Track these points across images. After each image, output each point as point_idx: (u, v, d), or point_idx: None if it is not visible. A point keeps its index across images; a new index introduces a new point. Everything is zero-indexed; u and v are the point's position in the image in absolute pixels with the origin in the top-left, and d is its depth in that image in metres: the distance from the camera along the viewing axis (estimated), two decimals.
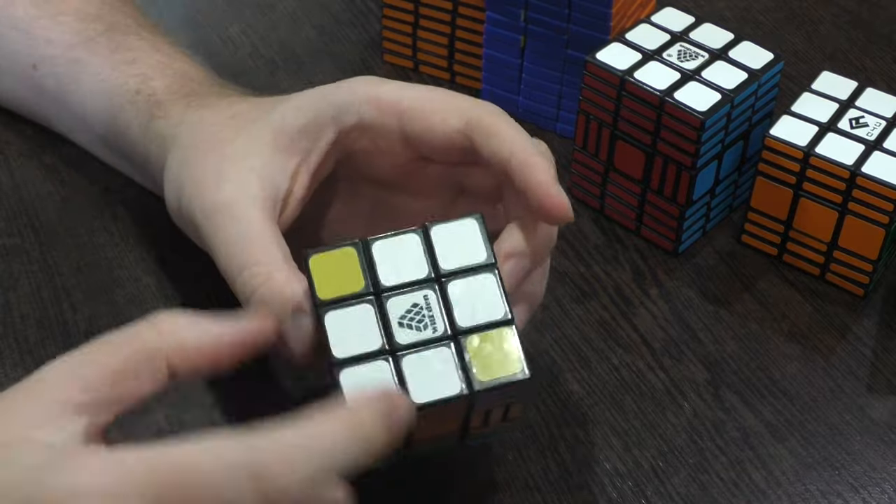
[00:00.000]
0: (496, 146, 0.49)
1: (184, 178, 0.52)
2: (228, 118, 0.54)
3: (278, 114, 0.52)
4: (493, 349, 0.45)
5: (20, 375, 0.55)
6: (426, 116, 0.50)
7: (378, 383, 0.43)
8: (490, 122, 0.50)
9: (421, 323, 0.45)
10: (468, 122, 0.50)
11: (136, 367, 0.42)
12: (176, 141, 0.54)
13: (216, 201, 0.50)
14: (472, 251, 0.46)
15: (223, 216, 0.50)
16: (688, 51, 0.62)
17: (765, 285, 0.62)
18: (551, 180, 0.48)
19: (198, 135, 0.54)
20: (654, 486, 0.53)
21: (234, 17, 0.77)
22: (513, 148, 0.48)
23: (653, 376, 0.57)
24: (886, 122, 0.60)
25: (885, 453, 0.55)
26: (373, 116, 0.51)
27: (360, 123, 0.51)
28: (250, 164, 0.51)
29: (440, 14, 0.71)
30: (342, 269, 0.45)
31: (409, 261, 0.46)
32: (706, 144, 0.59)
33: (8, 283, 0.59)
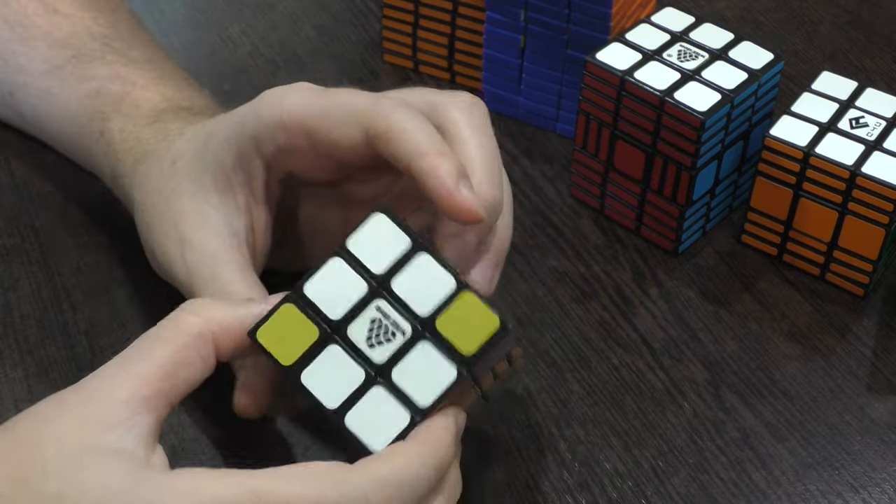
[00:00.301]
0: (395, 151, 0.47)
1: (151, 243, 0.53)
2: (170, 166, 0.53)
3: (211, 153, 0.51)
4: (463, 318, 0.44)
5: (20, 375, 0.55)
6: (328, 132, 0.48)
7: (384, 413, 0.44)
8: (386, 126, 0.47)
9: (387, 334, 0.45)
10: (366, 130, 0.47)
11: (187, 355, 0.43)
12: (134, 202, 0.55)
13: (189, 266, 0.51)
14: (393, 243, 0.45)
15: (200, 282, 0.50)
16: (688, 51, 0.62)
17: (765, 285, 0.62)
18: (452, 183, 0.45)
19: (149, 194, 0.54)
20: (654, 486, 0.53)
21: (234, 17, 0.77)
22: (411, 152, 0.46)
23: (653, 376, 0.57)
24: (886, 122, 0.60)
25: (885, 453, 0.55)
26: (285, 141, 0.49)
27: (278, 150, 0.50)
28: (204, 216, 0.51)
29: (440, 14, 0.71)
30: (290, 328, 0.45)
31: (344, 285, 0.45)
32: (706, 144, 0.59)
33: (8, 283, 0.59)
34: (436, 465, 0.43)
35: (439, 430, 0.44)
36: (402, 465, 0.42)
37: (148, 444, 0.41)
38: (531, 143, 0.70)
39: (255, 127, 0.49)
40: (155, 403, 0.42)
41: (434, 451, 0.43)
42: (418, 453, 0.43)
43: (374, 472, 0.41)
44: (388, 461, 0.42)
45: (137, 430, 0.41)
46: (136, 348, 0.43)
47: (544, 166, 0.68)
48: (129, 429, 0.41)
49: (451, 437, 0.44)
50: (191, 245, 0.51)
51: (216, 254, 0.50)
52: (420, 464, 0.42)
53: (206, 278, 0.50)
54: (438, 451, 0.43)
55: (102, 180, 0.60)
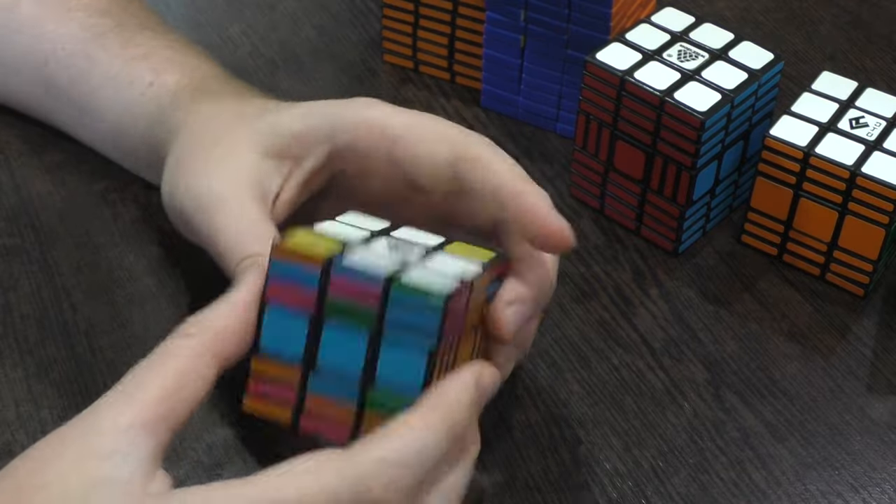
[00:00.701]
0: (485, 176, 0.49)
1: (183, 168, 0.54)
2: (233, 116, 0.55)
3: (276, 116, 0.53)
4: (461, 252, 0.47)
5: (20, 376, 0.55)
6: (414, 144, 0.50)
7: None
8: (478, 152, 0.49)
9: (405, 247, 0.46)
10: (456, 152, 0.49)
11: (184, 378, 0.42)
12: (181, 133, 0.55)
13: (211, 193, 0.51)
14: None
15: (218, 208, 0.50)
16: (688, 51, 0.62)
17: (765, 285, 0.62)
18: (548, 206, 0.48)
19: (202, 129, 0.55)
20: (654, 486, 0.53)
21: (234, 17, 0.77)
22: (503, 178, 0.48)
23: (653, 376, 0.57)
24: (886, 123, 0.60)
25: (885, 453, 0.55)
26: (364, 139, 0.51)
27: (352, 144, 0.51)
28: (245, 161, 0.52)
29: (440, 14, 0.71)
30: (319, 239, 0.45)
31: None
32: (706, 144, 0.59)
33: (8, 283, 0.59)
34: (448, 433, 0.41)
35: (453, 393, 0.42)
36: (403, 442, 0.40)
37: (146, 471, 0.40)
38: (531, 143, 0.70)
39: (341, 115, 0.52)
40: (153, 429, 0.41)
41: (445, 417, 0.42)
42: (425, 424, 0.41)
43: (372, 454, 0.40)
44: (387, 440, 0.41)
45: (134, 456, 0.40)
46: (132, 378, 0.42)
47: (544, 166, 0.68)
48: (125, 456, 0.40)
49: (469, 398, 0.43)
50: (223, 173, 0.51)
51: (243, 191, 0.51)
52: (427, 436, 0.41)
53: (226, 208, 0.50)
54: (451, 416, 0.42)
55: (135, 128, 0.59)
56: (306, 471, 0.40)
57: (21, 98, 0.66)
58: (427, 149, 0.50)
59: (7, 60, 0.64)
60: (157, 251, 0.61)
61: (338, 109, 0.52)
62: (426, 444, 0.41)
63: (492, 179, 0.49)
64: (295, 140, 0.52)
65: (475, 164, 0.49)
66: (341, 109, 0.52)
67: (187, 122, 0.56)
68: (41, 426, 0.53)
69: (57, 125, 0.65)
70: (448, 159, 0.50)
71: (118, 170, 0.65)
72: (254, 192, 0.51)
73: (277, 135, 0.52)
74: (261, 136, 0.52)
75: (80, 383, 0.55)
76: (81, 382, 0.55)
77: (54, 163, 0.65)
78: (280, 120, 0.53)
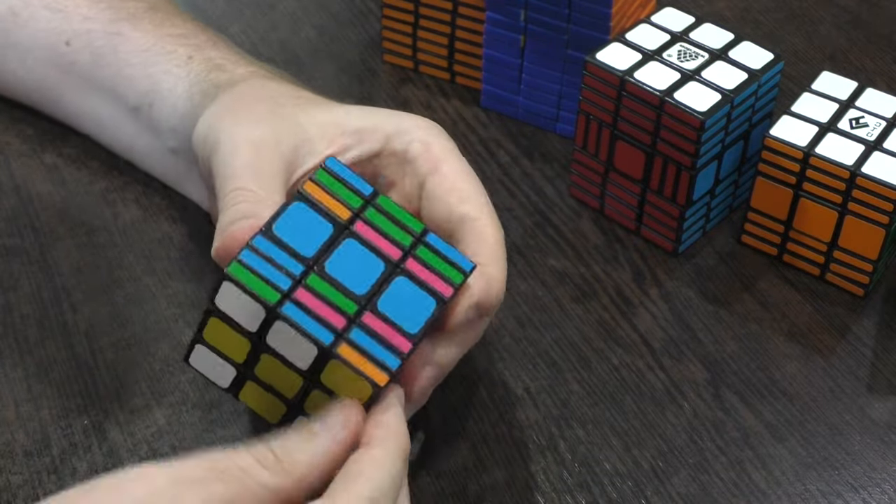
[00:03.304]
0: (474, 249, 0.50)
1: (230, 108, 0.54)
2: (294, 97, 0.55)
3: (345, 110, 0.54)
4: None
5: (20, 375, 0.55)
6: (450, 188, 0.51)
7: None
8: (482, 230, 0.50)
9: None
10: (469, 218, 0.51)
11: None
12: (233, 88, 0.55)
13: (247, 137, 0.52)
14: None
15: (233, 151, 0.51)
16: (688, 51, 0.62)
17: (765, 285, 0.62)
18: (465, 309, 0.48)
19: (257, 92, 0.55)
20: (654, 486, 0.53)
21: (234, 17, 0.77)
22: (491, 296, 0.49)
23: (653, 376, 0.57)
24: (886, 123, 0.60)
25: (885, 453, 0.55)
26: (417, 153, 0.52)
27: (403, 153, 0.53)
28: (298, 128, 0.52)
29: (440, 14, 0.71)
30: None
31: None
32: (706, 144, 0.59)
33: (8, 283, 0.59)
34: (403, 457, 0.43)
35: (394, 422, 0.44)
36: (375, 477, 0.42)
37: None
38: (531, 143, 0.70)
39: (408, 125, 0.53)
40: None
41: (397, 445, 0.43)
42: (386, 457, 0.43)
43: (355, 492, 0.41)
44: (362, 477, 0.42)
45: None
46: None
47: (544, 166, 0.68)
48: None
49: (404, 420, 0.44)
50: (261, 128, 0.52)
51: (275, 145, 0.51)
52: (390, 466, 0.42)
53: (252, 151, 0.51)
54: (401, 441, 0.43)
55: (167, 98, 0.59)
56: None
57: (31, 82, 0.65)
58: (457, 198, 0.51)
59: (23, 40, 0.64)
60: (157, 251, 0.61)
61: (408, 120, 0.53)
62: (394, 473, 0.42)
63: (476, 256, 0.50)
64: (352, 133, 0.53)
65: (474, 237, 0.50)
66: (410, 122, 0.53)
67: (243, 85, 0.56)
68: (41, 426, 0.53)
69: (66, 110, 0.65)
70: (463, 216, 0.51)
71: (118, 170, 0.65)
72: (278, 151, 0.51)
73: (336, 125, 0.53)
74: (318, 117, 0.53)
75: (80, 383, 0.55)
76: (81, 382, 0.55)
77: (54, 163, 0.65)
78: (347, 113, 0.54)
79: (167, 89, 0.59)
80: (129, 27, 0.61)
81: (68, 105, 0.65)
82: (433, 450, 0.53)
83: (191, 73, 0.58)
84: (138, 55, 0.60)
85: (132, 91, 0.61)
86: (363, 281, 0.45)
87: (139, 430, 0.53)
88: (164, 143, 0.60)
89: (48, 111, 0.66)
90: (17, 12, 0.64)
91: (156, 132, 0.61)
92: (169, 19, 0.62)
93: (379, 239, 0.47)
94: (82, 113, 0.64)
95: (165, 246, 0.61)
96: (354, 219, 0.47)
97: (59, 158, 0.65)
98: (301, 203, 0.46)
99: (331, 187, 0.47)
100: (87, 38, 0.62)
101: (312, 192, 0.47)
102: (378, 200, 0.48)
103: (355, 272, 0.46)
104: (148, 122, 0.61)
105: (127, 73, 0.61)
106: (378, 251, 0.46)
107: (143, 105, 0.60)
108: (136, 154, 0.63)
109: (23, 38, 0.64)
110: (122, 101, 0.61)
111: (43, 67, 0.64)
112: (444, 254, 0.48)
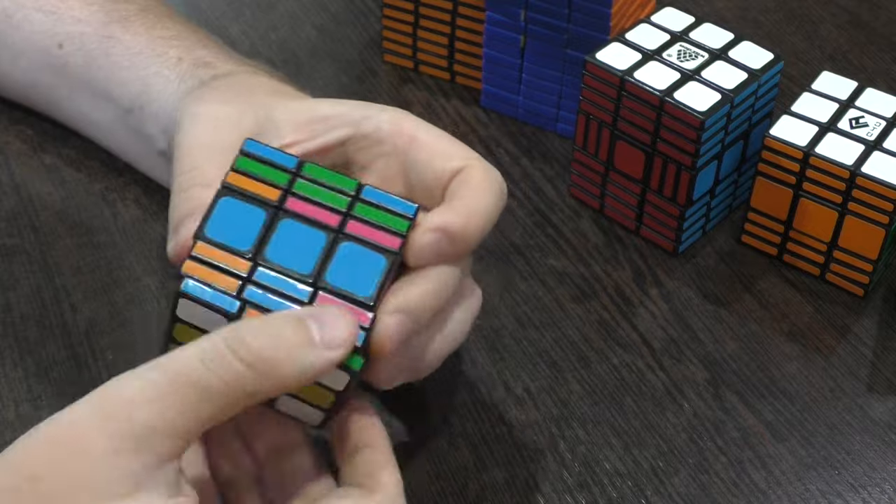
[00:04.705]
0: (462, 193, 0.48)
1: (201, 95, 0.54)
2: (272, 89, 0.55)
3: (315, 101, 0.54)
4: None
5: (20, 375, 0.55)
6: (432, 152, 0.50)
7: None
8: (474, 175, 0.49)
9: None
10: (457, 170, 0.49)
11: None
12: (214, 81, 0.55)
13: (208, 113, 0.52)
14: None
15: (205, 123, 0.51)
16: (688, 51, 0.62)
17: (765, 285, 0.62)
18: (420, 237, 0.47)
19: (235, 83, 0.54)
20: (654, 486, 0.53)
21: (234, 17, 0.77)
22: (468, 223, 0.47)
23: (653, 376, 0.57)
24: (886, 122, 0.60)
25: (885, 453, 0.55)
26: (387, 132, 0.51)
27: (374, 133, 0.51)
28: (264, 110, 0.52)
29: (440, 14, 0.71)
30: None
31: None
32: (706, 144, 0.59)
33: (8, 283, 0.59)
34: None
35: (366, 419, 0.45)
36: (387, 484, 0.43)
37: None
38: (531, 143, 0.70)
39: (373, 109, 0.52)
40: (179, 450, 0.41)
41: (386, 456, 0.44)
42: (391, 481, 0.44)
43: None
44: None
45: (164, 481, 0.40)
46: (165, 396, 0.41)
47: (544, 166, 0.68)
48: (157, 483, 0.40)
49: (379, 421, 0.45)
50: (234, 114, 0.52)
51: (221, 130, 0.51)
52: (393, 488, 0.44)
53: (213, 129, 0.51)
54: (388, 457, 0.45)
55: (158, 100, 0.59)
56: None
57: (24, 84, 0.65)
58: (438, 162, 0.50)
59: (17, 42, 0.64)
60: (157, 251, 0.61)
61: (372, 108, 0.53)
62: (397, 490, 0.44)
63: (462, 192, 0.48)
64: (322, 120, 0.52)
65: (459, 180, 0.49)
66: (375, 107, 0.53)
67: (226, 80, 0.55)
68: None
69: (61, 112, 0.65)
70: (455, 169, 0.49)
71: (118, 170, 0.65)
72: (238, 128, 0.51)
73: (306, 111, 0.52)
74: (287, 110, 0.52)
75: (80, 383, 0.55)
76: (81, 382, 0.55)
77: (54, 163, 0.65)
78: (316, 103, 0.53)
79: (157, 91, 0.59)
80: (120, 30, 0.61)
81: (63, 107, 0.65)
82: (433, 450, 0.53)
83: (181, 74, 0.58)
84: (130, 58, 0.60)
85: (125, 94, 0.61)
86: (308, 258, 0.45)
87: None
88: (154, 145, 0.60)
89: (43, 112, 0.66)
90: (10, 14, 0.64)
91: (147, 135, 0.61)
92: (160, 21, 0.62)
93: (314, 210, 0.46)
94: (78, 115, 0.64)
95: (165, 246, 0.61)
96: (285, 196, 0.46)
97: (59, 159, 0.65)
98: (228, 197, 0.46)
99: (254, 171, 0.46)
100: (80, 41, 0.62)
101: (237, 183, 0.46)
102: (305, 170, 0.47)
103: (298, 251, 0.45)
104: (140, 125, 0.61)
105: (119, 76, 0.61)
106: (316, 223, 0.46)
107: (136, 108, 0.60)
108: (130, 156, 0.63)
109: (16, 40, 0.64)
110: (115, 104, 0.61)
111: (36, 69, 0.64)
112: (384, 205, 0.46)
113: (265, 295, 0.44)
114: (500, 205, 0.49)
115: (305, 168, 0.47)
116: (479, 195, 0.48)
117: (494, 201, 0.48)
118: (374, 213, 0.46)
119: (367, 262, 0.45)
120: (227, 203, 0.45)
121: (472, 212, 0.47)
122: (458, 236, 0.47)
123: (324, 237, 0.45)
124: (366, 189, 0.47)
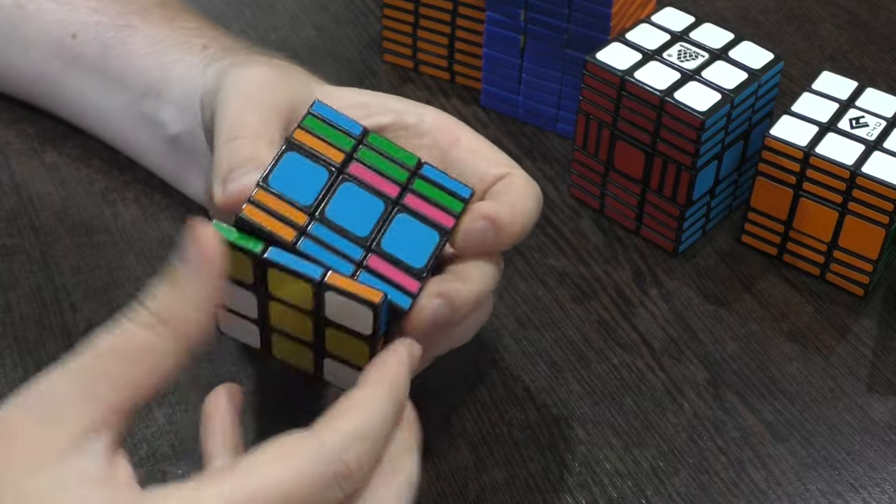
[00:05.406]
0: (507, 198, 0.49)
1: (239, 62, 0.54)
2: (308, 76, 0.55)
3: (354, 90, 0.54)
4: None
5: (20, 375, 0.55)
6: (476, 154, 0.51)
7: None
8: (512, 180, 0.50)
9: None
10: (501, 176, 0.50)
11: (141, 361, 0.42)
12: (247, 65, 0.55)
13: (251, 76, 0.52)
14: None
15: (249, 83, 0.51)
16: (688, 51, 0.62)
17: (765, 285, 0.62)
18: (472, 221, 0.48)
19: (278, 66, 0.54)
20: (654, 486, 0.53)
21: (234, 17, 0.77)
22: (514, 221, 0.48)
23: (653, 376, 0.57)
24: (886, 122, 0.60)
25: (885, 453, 0.55)
26: (430, 126, 0.52)
27: (416, 126, 0.52)
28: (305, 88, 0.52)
29: (440, 14, 0.71)
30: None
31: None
32: (706, 144, 0.59)
33: (8, 283, 0.59)
34: (395, 402, 0.42)
35: (393, 366, 0.43)
36: (363, 416, 0.41)
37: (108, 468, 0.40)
38: (531, 143, 0.70)
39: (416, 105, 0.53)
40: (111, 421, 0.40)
41: (391, 390, 0.43)
42: (376, 397, 0.42)
43: (341, 430, 0.40)
44: (347, 416, 0.41)
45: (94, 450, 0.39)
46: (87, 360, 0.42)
47: (544, 166, 0.68)
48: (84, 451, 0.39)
49: (406, 368, 0.44)
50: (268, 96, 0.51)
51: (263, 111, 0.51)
52: (383, 406, 0.42)
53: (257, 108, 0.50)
54: (396, 388, 0.43)
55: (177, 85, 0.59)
56: (283, 457, 0.40)
57: (31, 76, 0.65)
58: (482, 165, 0.51)
59: (28, 33, 0.64)
60: (157, 251, 0.61)
61: (412, 103, 0.53)
62: (384, 416, 0.42)
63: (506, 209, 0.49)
64: (361, 106, 0.52)
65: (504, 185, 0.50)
66: (415, 104, 0.53)
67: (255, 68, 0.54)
68: None
69: (66, 103, 0.65)
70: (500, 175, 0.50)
71: (118, 170, 0.65)
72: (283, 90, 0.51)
73: (346, 96, 0.52)
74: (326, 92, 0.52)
75: None
76: None
77: (54, 162, 0.65)
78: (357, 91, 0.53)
79: (178, 75, 0.59)
80: (138, 20, 0.62)
81: (69, 98, 0.64)
82: (433, 450, 0.53)
83: (206, 57, 0.58)
84: (150, 46, 0.61)
85: (141, 79, 0.61)
86: (365, 222, 0.46)
87: (139, 430, 0.53)
88: (166, 131, 0.60)
89: (47, 105, 0.66)
90: (23, 5, 0.64)
91: (159, 121, 0.60)
92: (180, 14, 0.62)
93: (375, 178, 0.47)
94: (84, 105, 0.64)
95: (165, 246, 0.61)
96: (348, 161, 0.47)
97: (60, 158, 0.65)
98: (293, 152, 0.46)
99: (320, 132, 0.47)
100: (96, 31, 0.62)
101: (303, 139, 0.47)
102: (369, 139, 0.48)
103: (356, 214, 0.46)
104: (154, 110, 0.60)
105: (137, 62, 0.61)
106: (376, 190, 0.47)
107: (151, 93, 0.60)
108: (137, 147, 0.63)
109: (28, 31, 0.64)
110: (129, 91, 0.61)
111: (46, 60, 0.64)
112: (441, 184, 0.48)
113: (320, 248, 0.45)
114: (537, 215, 0.50)
115: (370, 137, 0.48)
116: (524, 199, 0.49)
117: (535, 208, 0.50)
118: (431, 190, 0.47)
119: (421, 235, 0.46)
120: (291, 157, 0.46)
121: (517, 210, 0.49)
122: (504, 229, 0.48)
123: (382, 205, 0.46)
124: (426, 167, 0.48)
